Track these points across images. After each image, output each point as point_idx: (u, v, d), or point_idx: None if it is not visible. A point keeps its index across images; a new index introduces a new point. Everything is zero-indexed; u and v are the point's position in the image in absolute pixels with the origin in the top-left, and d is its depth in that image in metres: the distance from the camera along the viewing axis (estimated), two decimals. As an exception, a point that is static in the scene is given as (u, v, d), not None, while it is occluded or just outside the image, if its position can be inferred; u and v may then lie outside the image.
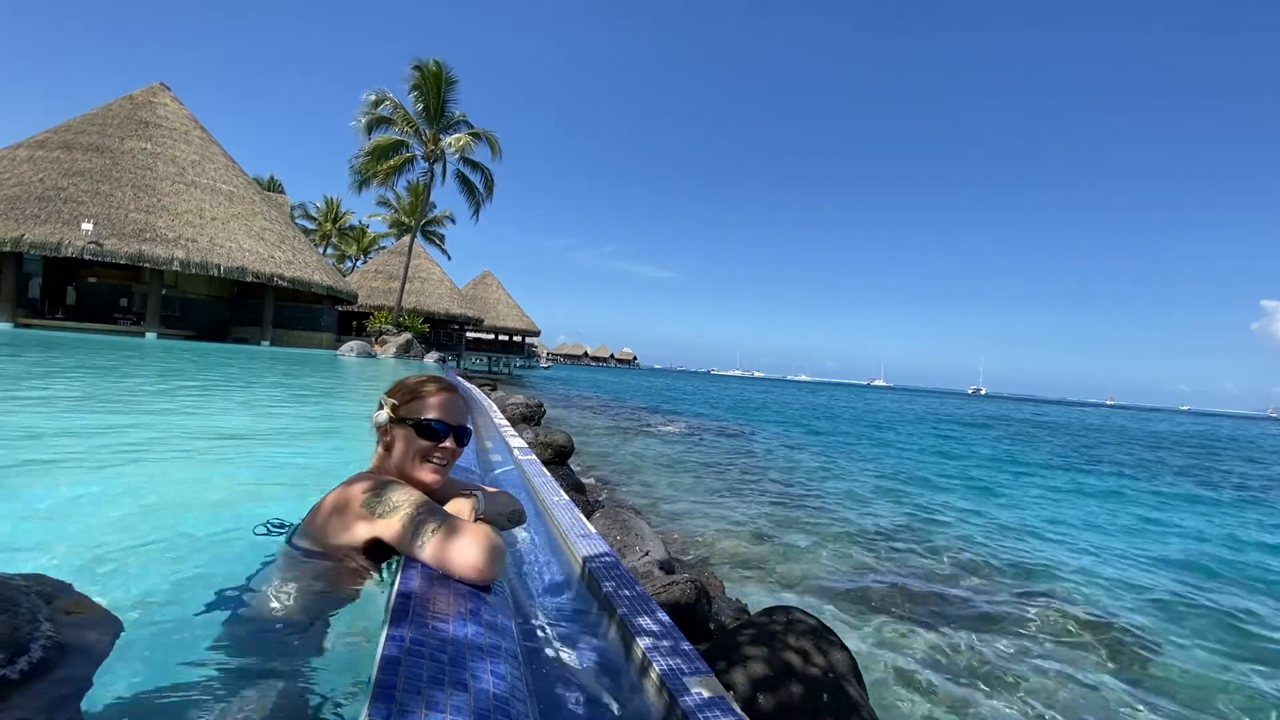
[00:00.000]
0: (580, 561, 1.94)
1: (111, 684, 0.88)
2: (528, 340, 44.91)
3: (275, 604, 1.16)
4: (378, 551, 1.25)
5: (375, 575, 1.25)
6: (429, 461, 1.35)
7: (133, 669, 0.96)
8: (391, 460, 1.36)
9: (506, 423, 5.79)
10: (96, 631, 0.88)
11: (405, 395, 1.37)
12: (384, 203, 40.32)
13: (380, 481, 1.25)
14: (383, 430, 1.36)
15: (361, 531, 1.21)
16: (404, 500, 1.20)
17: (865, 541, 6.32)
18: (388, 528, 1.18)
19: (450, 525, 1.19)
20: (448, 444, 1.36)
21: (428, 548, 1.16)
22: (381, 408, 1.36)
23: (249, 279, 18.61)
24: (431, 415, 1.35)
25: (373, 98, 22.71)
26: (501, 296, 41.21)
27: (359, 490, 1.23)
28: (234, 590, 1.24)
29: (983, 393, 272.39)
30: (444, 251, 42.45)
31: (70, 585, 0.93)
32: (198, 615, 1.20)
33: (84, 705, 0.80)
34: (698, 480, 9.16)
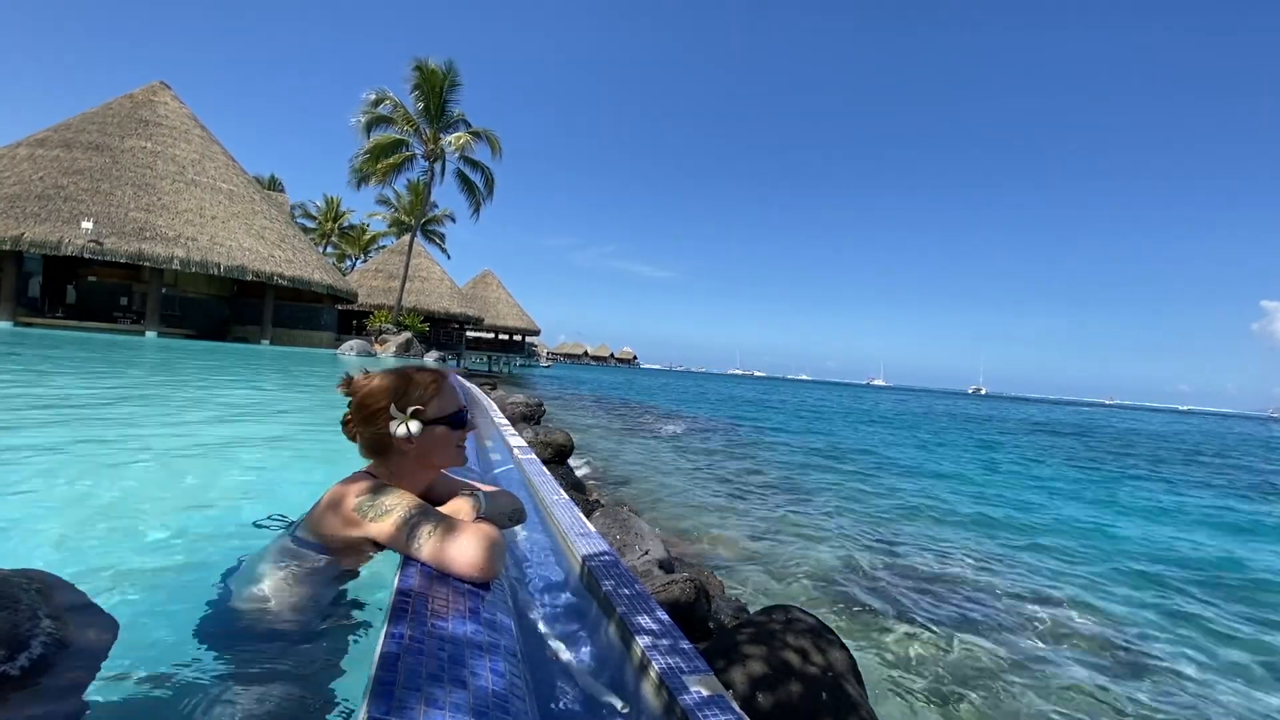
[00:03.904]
0: (580, 560, 1.95)
1: (110, 682, 0.88)
2: (528, 339, 44.92)
3: (273, 597, 1.16)
4: (375, 548, 1.25)
5: (376, 571, 1.25)
6: (459, 447, 1.39)
7: (132, 667, 0.97)
8: (411, 460, 1.33)
9: (506, 422, 5.79)
10: (95, 629, 0.88)
11: (425, 398, 1.33)
12: (384, 201, 40.32)
13: (375, 485, 1.25)
14: (407, 440, 1.30)
15: (353, 533, 1.21)
16: (397, 504, 1.20)
17: (865, 541, 6.32)
18: (380, 531, 1.18)
19: (448, 525, 1.19)
20: (466, 427, 1.40)
21: (426, 548, 1.16)
22: (400, 422, 1.29)
23: (249, 278, 18.61)
24: (454, 406, 1.37)
25: (373, 97, 22.70)
26: (502, 295, 41.20)
27: (353, 493, 1.22)
28: (232, 584, 1.24)
29: (983, 392, 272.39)
30: (444, 250, 42.46)
31: (69, 583, 0.93)
32: (196, 610, 1.20)
33: (84, 703, 0.80)
34: (697, 479, 9.17)
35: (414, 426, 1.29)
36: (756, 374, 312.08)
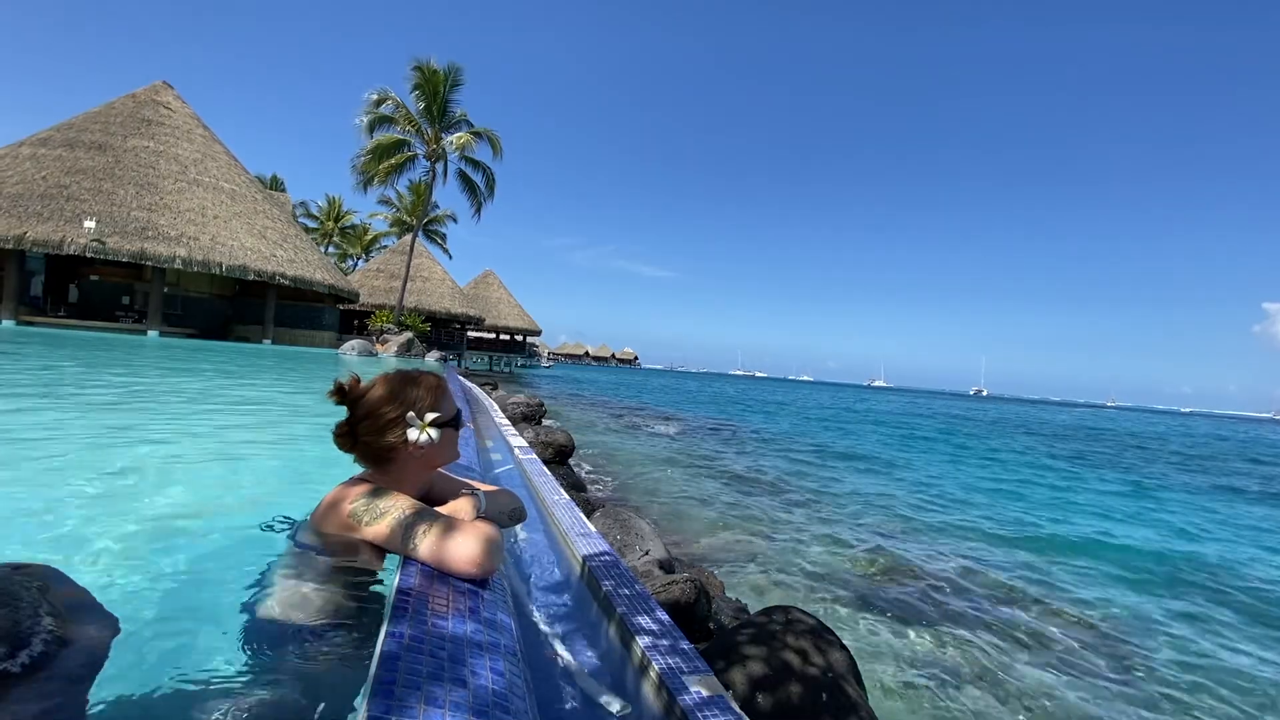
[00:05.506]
0: (580, 560, 1.95)
1: (111, 680, 0.89)
2: (529, 340, 44.93)
3: (277, 600, 1.16)
4: (375, 551, 1.25)
5: (378, 571, 1.25)
6: (455, 444, 1.42)
7: (133, 665, 0.97)
8: (417, 463, 1.33)
9: (507, 422, 5.80)
10: (97, 627, 0.88)
11: (432, 403, 1.34)
12: (385, 202, 40.34)
13: (372, 489, 1.25)
14: (419, 445, 1.30)
15: (351, 537, 1.22)
16: (392, 506, 1.20)
17: (865, 542, 6.31)
18: (376, 534, 1.19)
19: (445, 523, 1.20)
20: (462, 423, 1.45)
21: (422, 547, 1.17)
22: (420, 429, 1.29)
23: (251, 278, 18.62)
24: (455, 405, 1.40)
25: (375, 97, 22.71)
26: (503, 296, 41.23)
27: (349, 498, 1.23)
28: (235, 586, 1.24)
29: (984, 394, 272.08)
30: (445, 251, 42.45)
31: (72, 580, 0.93)
32: (199, 611, 1.21)
33: (84, 700, 0.80)
34: (698, 479, 9.16)
35: (434, 433, 1.30)
36: (758, 374, 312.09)
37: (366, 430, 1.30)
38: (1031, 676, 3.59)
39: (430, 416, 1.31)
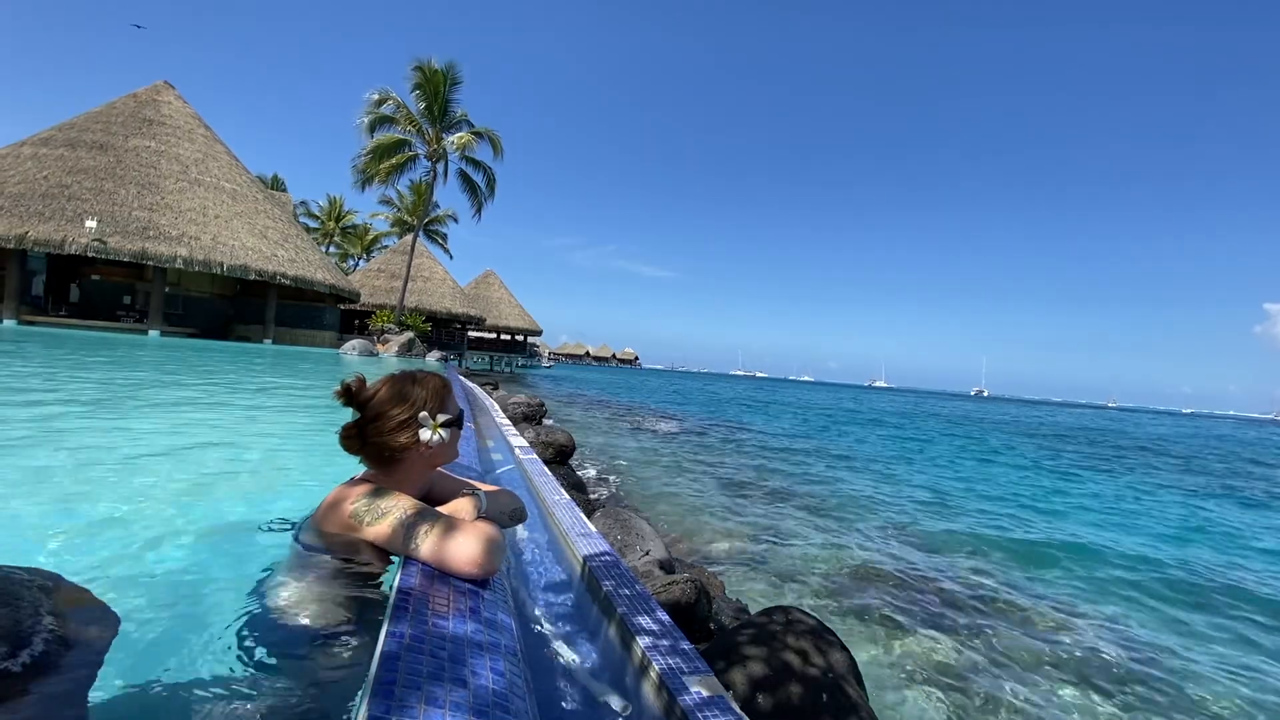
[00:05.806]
0: (580, 560, 1.95)
1: (113, 680, 0.89)
2: (530, 339, 44.95)
3: (278, 600, 1.16)
4: (376, 551, 1.25)
5: (379, 571, 1.26)
6: (456, 443, 1.44)
7: (134, 665, 0.97)
8: (422, 462, 1.35)
9: (508, 422, 5.80)
10: (98, 626, 0.88)
11: (440, 404, 1.37)
12: (386, 202, 40.35)
13: (374, 489, 1.26)
14: (428, 445, 1.32)
15: (352, 538, 1.22)
16: (393, 506, 1.21)
17: (866, 542, 6.31)
18: (377, 534, 1.19)
19: (446, 523, 1.20)
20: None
21: (424, 547, 1.17)
22: (432, 429, 1.32)
23: (252, 277, 18.63)
24: (458, 407, 1.42)
25: (375, 97, 22.71)
26: (504, 296, 41.24)
27: (350, 498, 1.23)
28: (237, 586, 1.24)
29: (985, 394, 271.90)
30: (446, 251, 42.45)
31: (73, 581, 0.93)
32: (201, 611, 1.21)
33: (85, 699, 0.80)
34: (698, 480, 9.16)
35: (445, 433, 1.33)
36: (759, 374, 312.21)
37: (376, 431, 1.30)
38: (1032, 679, 3.59)
39: (441, 417, 1.33)
